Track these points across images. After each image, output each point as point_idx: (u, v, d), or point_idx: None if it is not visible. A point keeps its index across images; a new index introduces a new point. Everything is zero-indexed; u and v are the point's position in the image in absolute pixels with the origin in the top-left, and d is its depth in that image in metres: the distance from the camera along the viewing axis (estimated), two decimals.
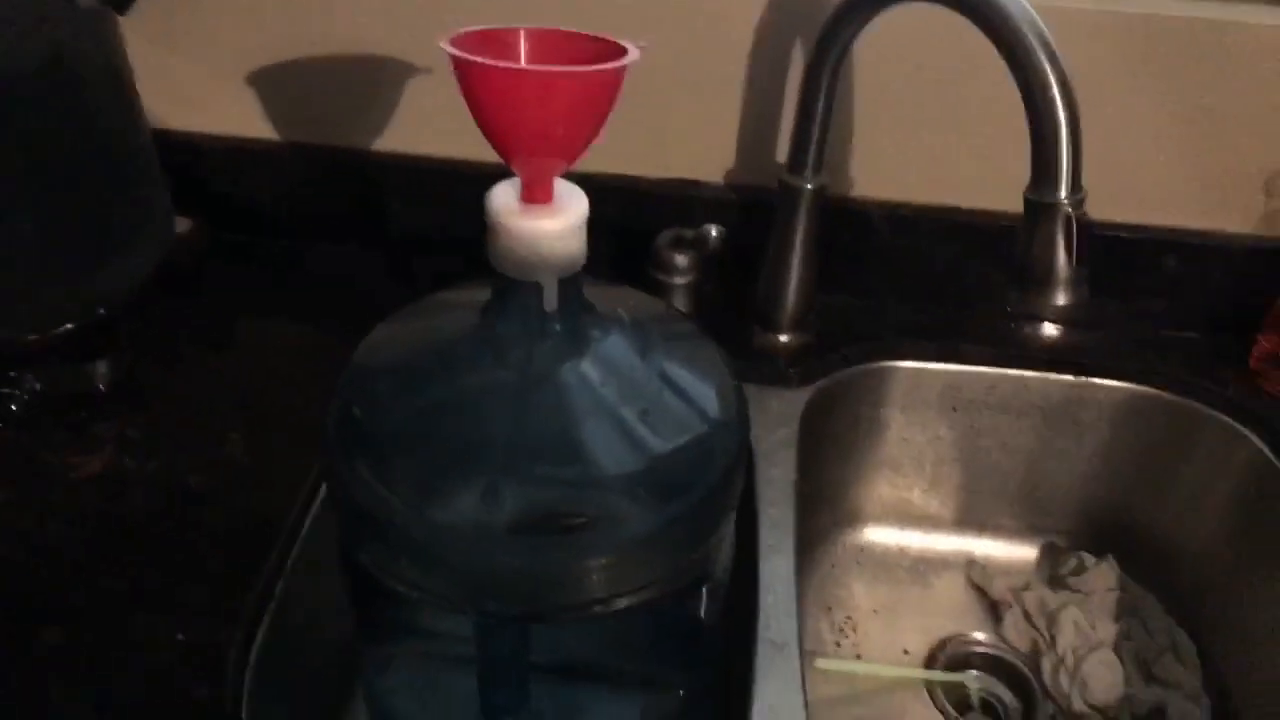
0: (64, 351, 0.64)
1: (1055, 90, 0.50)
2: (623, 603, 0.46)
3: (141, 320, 0.70)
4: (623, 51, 0.45)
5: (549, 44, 0.46)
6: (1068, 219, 0.52)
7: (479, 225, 0.82)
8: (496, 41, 0.45)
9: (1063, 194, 0.52)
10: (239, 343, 0.73)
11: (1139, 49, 0.69)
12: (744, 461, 0.51)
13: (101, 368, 0.65)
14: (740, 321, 0.76)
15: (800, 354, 0.75)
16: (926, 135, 0.74)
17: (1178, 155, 0.73)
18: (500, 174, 0.75)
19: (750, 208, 0.76)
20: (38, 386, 0.62)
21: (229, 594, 0.55)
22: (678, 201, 0.77)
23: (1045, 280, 0.54)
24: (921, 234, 0.77)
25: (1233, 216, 0.75)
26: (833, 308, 0.78)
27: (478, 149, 0.76)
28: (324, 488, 0.63)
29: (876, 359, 0.76)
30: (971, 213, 0.76)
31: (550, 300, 0.47)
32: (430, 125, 0.77)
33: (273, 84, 0.76)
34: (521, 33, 0.46)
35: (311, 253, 0.82)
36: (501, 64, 0.42)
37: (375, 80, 0.75)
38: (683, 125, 0.75)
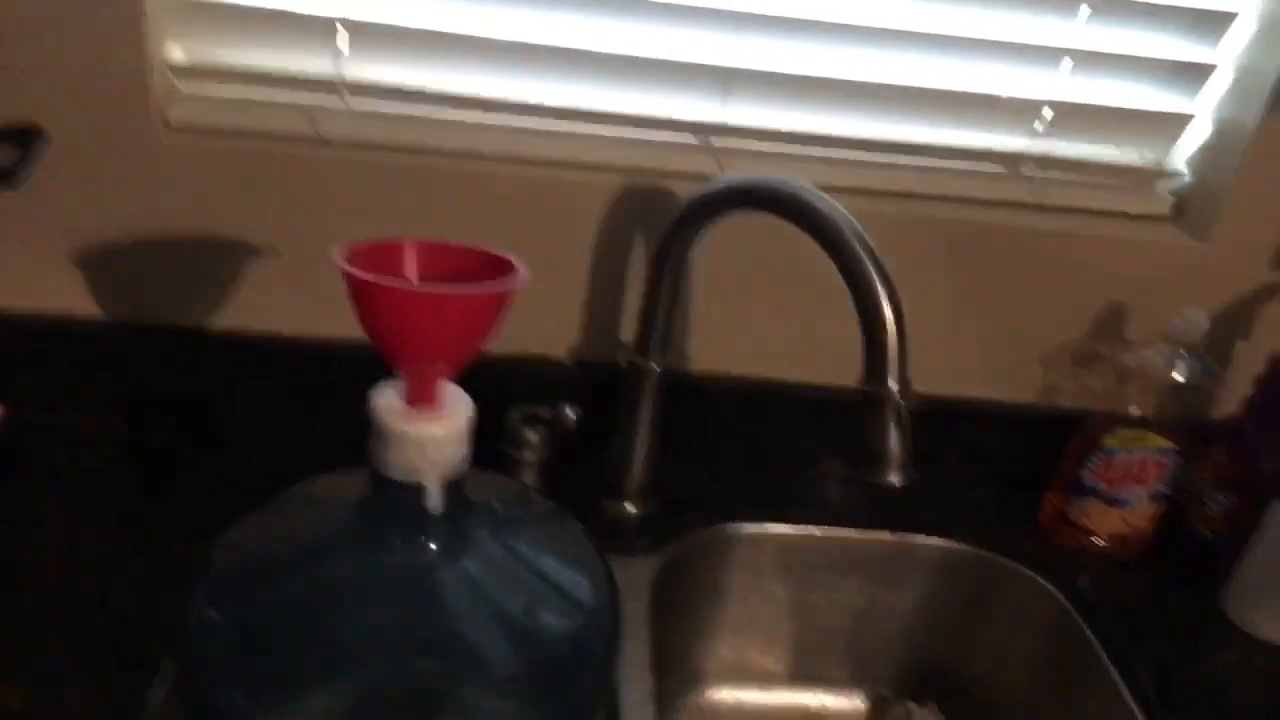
0: None
1: (883, 299, 0.57)
2: None
3: None
4: (505, 263, 0.48)
5: (435, 255, 0.48)
6: (898, 407, 0.58)
7: (315, 404, 0.81)
8: (384, 252, 0.47)
9: (893, 385, 0.58)
10: (53, 538, 0.68)
11: (933, 248, 0.78)
12: (618, 649, 0.52)
13: None
14: (587, 492, 0.78)
15: (646, 523, 0.78)
16: (757, 317, 0.80)
17: (969, 336, 0.83)
18: (343, 352, 0.76)
19: (594, 383, 0.79)
20: None
21: None
22: (524, 376, 0.79)
23: (879, 462, 0.59)
24: (753, 404, 0.82)
25: (1017, 388, 0.85)
26: (674, 476, 0.81)
27: (316, 325, 0.77)
28: (150, 702, 0.59)
29: (717, 524, 0.80)
30: (798, 385, 0.83)
31: (434, 503, 0.47)
32: (271, 304, 0.76)
33: (106, 263, 0.74)
34: (408, 244, 0.47)
35: (136, 435, 0.78)
36: (397, 283, 0.44)
37: (217, 260, 0.74)
38: (531, 303, 0.78)
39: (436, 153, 0.73)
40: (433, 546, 0.48)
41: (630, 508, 0.78)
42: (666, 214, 0.69)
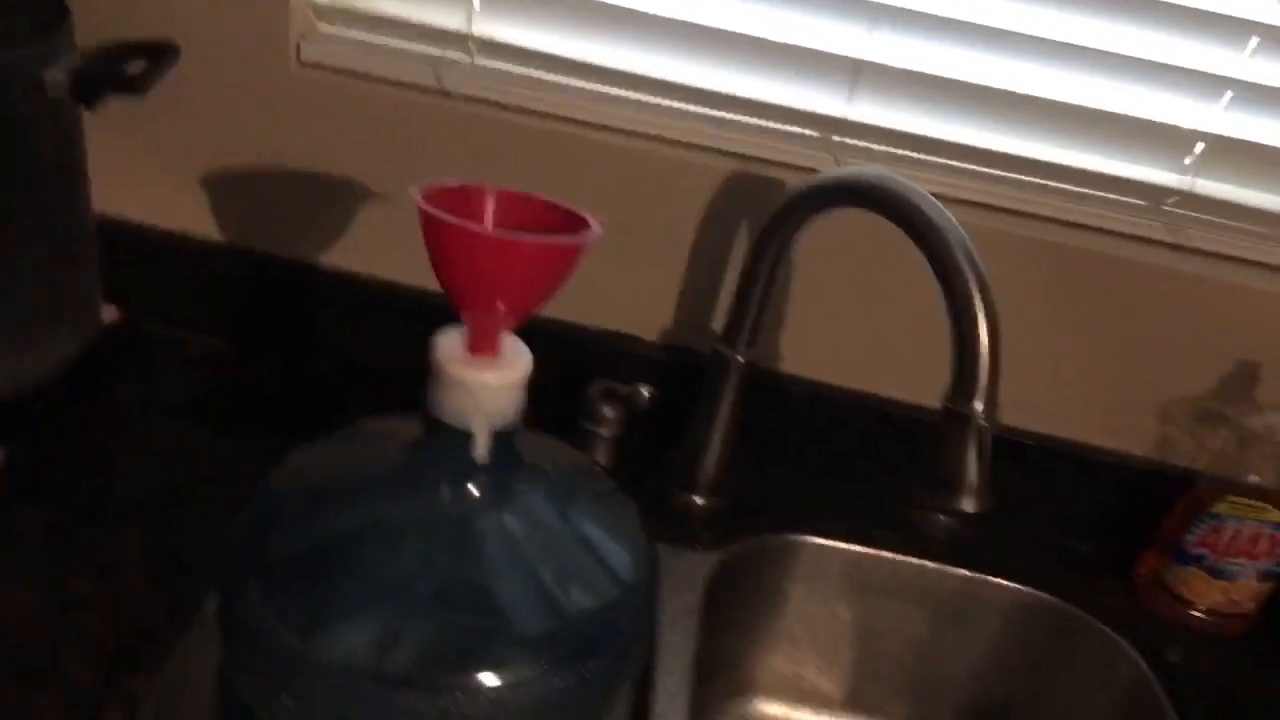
0: None
1: (980, 313, 0.54)
2: None
3: (52, 407, 0.68)
4: (584, 222, 0.47)
5: (516, 206, 0.48)
6: (981, 431, 0.55)
7: (409, 352, 0.82)
8: (466, 197, 0.47)
9: (979, 407, 0.55)
10: (148, 443, 0.70)
11: (1054, 274, 0.74)
12: (647, 631, 0.51)
13: (1, 451, 0.62)
14: (659, 479, 0.77)
15: (714, 518, 0.76)
16: (853, 323, 0.77)
17: (1083, 375, 0.78)
18: (438, 304, 0.77)
19: (679, 367, 0.78)
20: None
21: (88, 708, 0.52)
22: (609, 353, 0.79)
23: (955, 486, 0.56)
24: (840, 415, 0.80)
25: (1127, 438, 0.80)
26: (750, 475, 0.79)
27: (422, 276, 0.78)
28: (206, 610, 0.61)
29: (786, 532, 0.77)
30: (889, 401, 0.79)
31: (480, 450, 0.47)
32: (379, 247, 0.78)
33: (226, 187, 0.77)
34: (491, 192, 0.47)
35: (237, 357, 0.81)
36: (466, 224, 0.44)
37: (331, 197, 0.76)
38: (623, 281, 0.77)
39: (553, 117, 0.73)
40: (474, 494, 0.48)
41: (698, 499, 0.77)
42: (773, 205, 0.67)
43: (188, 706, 0.57)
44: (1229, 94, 0.71)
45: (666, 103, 0.74)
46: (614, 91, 0.74)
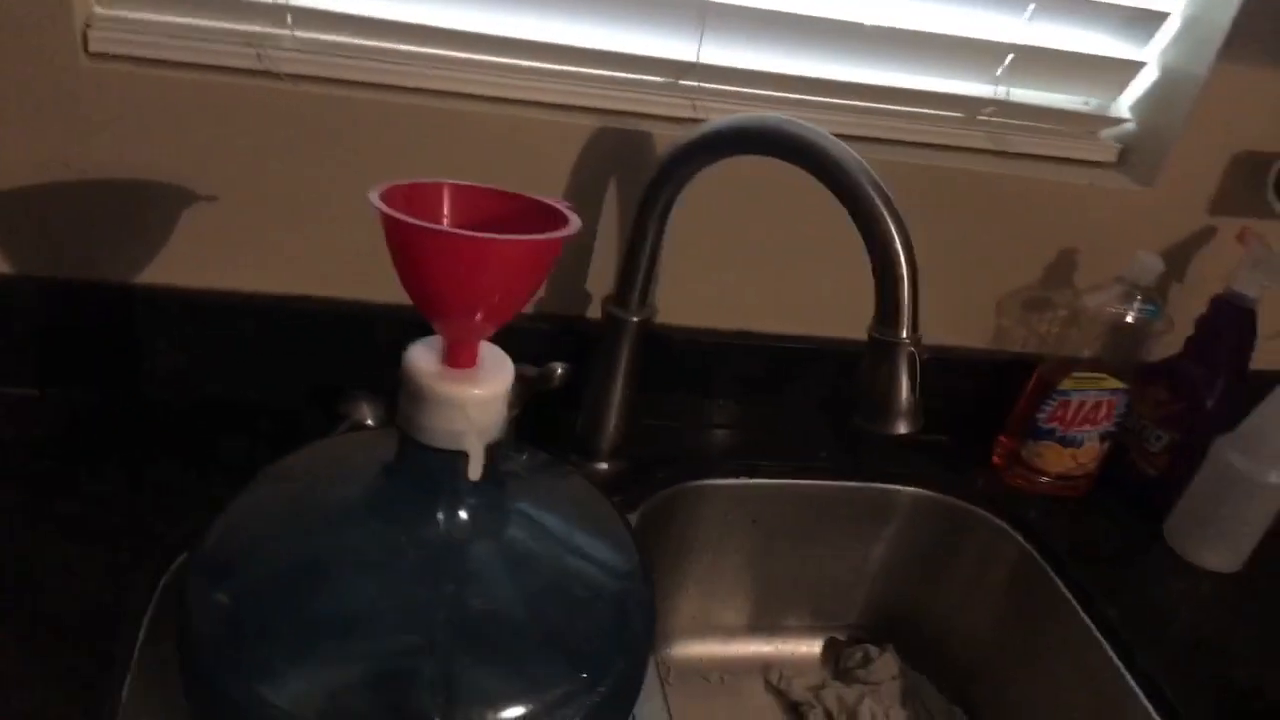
0: None
1: (898, 244, 0.55)
2: None
3: None
4: (554, 211, 0.44)
5: (473, 200, 0.44)
6: (910, 356, 0.57)
7: (253, 363, 0.74)
8: (418, 196, 0.42)
9: (905, 334, 0.57)
10: None
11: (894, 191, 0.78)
12: (654, 618, 0.50)
13: None
14: (558, 452, 0.74)
15: (619, 481, 0.75)
16: (724, 268, 0.78)
17: (924, 283, 0.82)
18: (282, 307, 0.69)
19: (557, 336, 0.76)
20: None
21: None
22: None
23: (888, 411, 0.58)
24: (722, 357, 0.81)
25: (971, 334, 0.86)
26: (645, 431, 0.78)
27: (255, 279, 0.70)
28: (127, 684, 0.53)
29: (685, 480, 0.78)
30: (764, 336, 0.81)
31: (475, 469, 0.43)
32: (208, 256, 0.69)
33: (15, 212, 0.65)
34: (447, 188, 0.43)
35: (53, 402, 0.70)
36: (443, 229, 0.39)
37: (143, 207, 0.67)
38: None
39: (390, 89, 0.68)
40: (467, 516, 0.44)
41: (602, 466, 0.75)
42: (637, 158, 0.65)
43: None
44: (1032, 6, 0.77)
45: (512, 61, 0.70)
46: (456, 54, 0.69)
